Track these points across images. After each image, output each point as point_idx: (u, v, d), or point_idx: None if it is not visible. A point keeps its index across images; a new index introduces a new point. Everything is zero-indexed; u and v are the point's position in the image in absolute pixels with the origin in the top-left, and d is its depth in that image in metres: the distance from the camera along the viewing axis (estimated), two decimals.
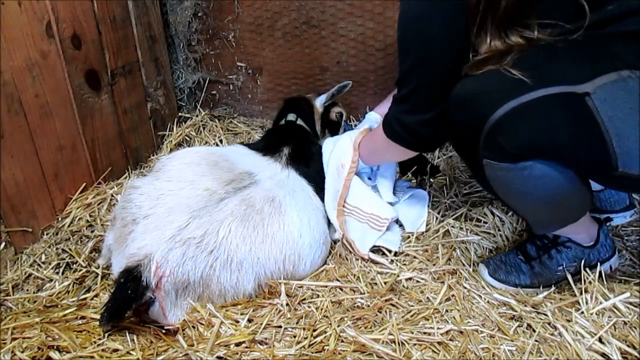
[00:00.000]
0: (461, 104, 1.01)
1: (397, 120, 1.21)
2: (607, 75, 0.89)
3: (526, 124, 0.92)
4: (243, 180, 1.33)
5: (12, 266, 1.38)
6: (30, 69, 1.42)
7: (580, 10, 0.91)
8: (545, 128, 0.91)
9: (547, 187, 0.99)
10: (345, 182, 1.46)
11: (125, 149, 1.89)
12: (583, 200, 1.08)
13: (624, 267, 1.31)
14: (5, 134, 1.35)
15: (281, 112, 1.83)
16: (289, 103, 1.86)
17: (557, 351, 1.02)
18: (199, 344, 1.05)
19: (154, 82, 2.05)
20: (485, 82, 0.97)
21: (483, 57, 0.99)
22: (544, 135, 0.91)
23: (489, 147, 0.97)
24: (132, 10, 1.85)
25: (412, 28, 1.08)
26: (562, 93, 0.89)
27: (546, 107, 0.90)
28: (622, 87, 0.88)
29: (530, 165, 0.95)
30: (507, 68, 0.93)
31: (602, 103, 0.87)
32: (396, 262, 1.37)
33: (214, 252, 1.14)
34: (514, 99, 0.91)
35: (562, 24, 0.93)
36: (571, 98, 0.89)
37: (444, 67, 1.06)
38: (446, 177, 1.72)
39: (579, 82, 0.89)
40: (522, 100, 0.90)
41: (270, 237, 1.22)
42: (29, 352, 1.02)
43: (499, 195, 1.08)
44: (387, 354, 1.00)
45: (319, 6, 1.98)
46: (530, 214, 1.11)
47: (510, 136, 0.93)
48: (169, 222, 1.16)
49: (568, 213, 1.11)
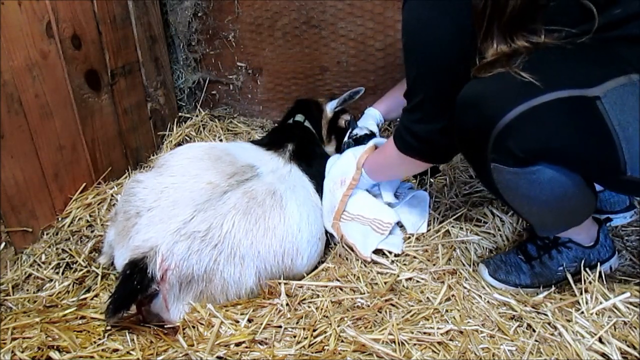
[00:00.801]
0: (469, 106, 0.99)
1: (409, 130, 1.18)
2: (616, 79, 0.88)
3: (536, 128, 0.91)
4: (245, 173, 1.34)
5: (12, 266, 1.38)
6: (30, 69, 1.42)
7: (586, 15, 0.91)
8: (556, 132, 0.90)
9: (554, 191, 0.98)
10: (343, 198, 1.44)
11: (125, 149, 1.89)
12: (588, 205, 1.07)
13: (624, 267, 1.30)
14: (5, 134, 1.35)
15: (290, 112, 1.83)
16: (299, 104, 1.85)
17: (557, 351, 1.02)
18: (199, 344, 1.05)
19: (154, 82, 2.05)
20: (494, 85, 0.96)
21: (490, 60, 0.97)
22: (554, 139, 0.91)
23: (497, 151, 0.96)
24: (132, 10, 1.85)
25: (417, 36, 1.06)
26: (573, 97, 0.88)
27: (556, 110, 0.89)
28: (631, 91, 0.87)
29: (539, 169, 0.95)
30: (517, 70, 0.92)
31: (612, 107, 0.87)
32: (396, 262, 1.37)
33: (218, 246, 1.15)
34: (523, 103, 0.90)
35: (567, 29, 0.93)
36: (582, 102, 0.88)
37: (453, 74, 1.05)
38: (446, 177, 1.72)
39: (589, 85, 0.88)
40: (532, 103, 0.89)
41: (271, 230, 1.23)
42: (29, 352, 1.02)
43: (505, 198, 1.07)
44: (387, 354, 1.00)
45: (319, 6, 1.98)
46: (534, 217, 1.11)
47: (519, 140, 0.92)
48: (173, 215, 1.16)
49: (573, 217, 1.10)
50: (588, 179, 1.00)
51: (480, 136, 0.97)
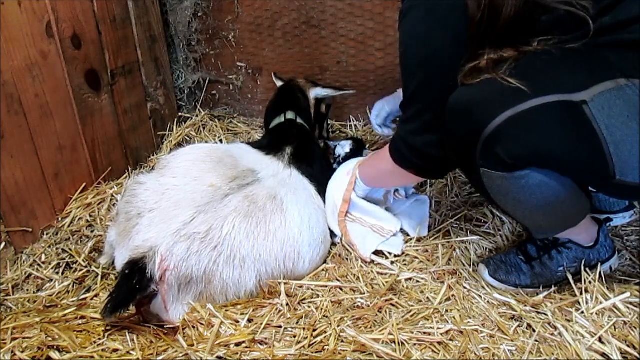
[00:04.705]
0: (458, 113, 0.99)
1: (405, 142, 1.17)
2: (603, 84, 0.88)
3: (523, 133, 0.91)
4: (246, 177, 1.34)
5: (12, 266, 1.38)
6: (30, 69, 1.42)
7: (579, 24, 0.91)
8: (543, 137, 0.90)
9: (545, 195, 0.98)
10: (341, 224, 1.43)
11: (125, 149, 1.89)
12: (582, 207, 1.07)
13: (624, 267, 1.30)
14: (5, 134, 1.35)
15: (278, 106, 1.75)
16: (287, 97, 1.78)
17: (557, 351, 1.02)
18: (199, 344, 1.05)
19: (154, 82, 2.05)
20: (481, 91, 0.96)
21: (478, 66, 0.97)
22: (542, 144, 0.91)
23: (485, 156, 0.96)
24: (132, 10, 1.85)
25: (416, 49, 1.06)
26: (559, 101, 0.88)
27: (543, 115, 0.89)
28: (619, 96, 0.87)
29: (527, 174, 0.95)
30: (504, 77, 0.92)
31: (600, 111, 0.86)
32: (396, 262, 1.37)
33: (217, 248, 1.15)
34: (510, 108, 0.90)
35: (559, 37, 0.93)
36: (568, 106, 0.88)
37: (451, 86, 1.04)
38: (446, 177, 1.72)
39: (576, 90, 0.88)
40: (519, 109, 0.89)
41: (272, 233, 1.23)
42: (29, 352, 1.02)
43: (497, 203, 1.07)
44: (387, 354, 0.99)
45: (319, 6, 1.98)
46: (528, 220, 1.11)
47: (507, 145, 0.92)
48: (174, 216, 1.16)
49: (567, 219, 1.10)
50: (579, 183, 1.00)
51: (470, 142, 0.97)
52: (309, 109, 1.80)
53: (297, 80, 1.87)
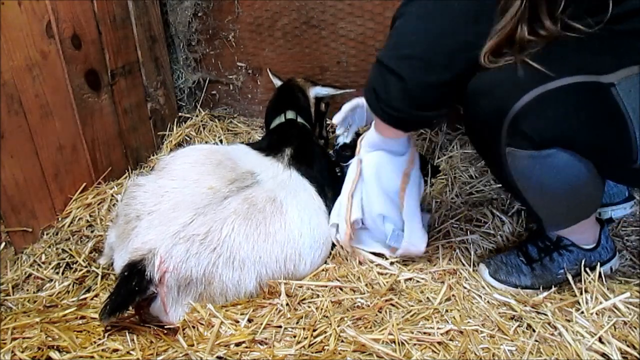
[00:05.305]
0: (481, 93, 0.98)
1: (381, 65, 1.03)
2: (629, 68, 0.88)
3: (552, 111, 0.90)
4: (246, 179, 1.33)
5: (12, 266, 1.38)
6: (30, 69, 1.42)
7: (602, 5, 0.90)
8: (571, 115, 0.90)
9: (568, 176, 0.97)
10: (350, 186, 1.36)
11: (125, 149, 1.89)
12: (597, 194, 1.07)
13: (624, 268, 1.31)
14: (5, 134, 1.35)
15: (279, 105, 1.74)
16: (287, 97, 1.78)
17: (557, 351, 1.02)
18: (199, 344, 1.05)
19: (154, 82, 2.05)
20: (506, 73, 0.94)
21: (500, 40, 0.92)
22: (570, 122, 0.90)
23: (512, 135, 0.95)
24: (132, 10, 1.85)
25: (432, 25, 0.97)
26: (588, 82, 0.89)
27: (572, 94, 0.89)
28: None
29: (554, 152, 0.94)
30: (527, 60, 0.91)
31: (627, 94, 0.87)
32: (396, 262, 1.37)
33: (217, 250, 1.15)
34: (539, 86, 0.89)
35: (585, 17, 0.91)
36: (597, 87, 0.88)
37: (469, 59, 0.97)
38: (447, 177, 1.72)
39: (604, 72, 0.89)
40: (548, 87, 0.89)
41: (272, 236, 1.23)
42: (29, 352, 1.02)
43: (518, 188, 1.05)
44: (387, 354, 1.00)
45: (319, 6, 1.98)
46: (546, 209, 1.09)
47: (535, 123, 0.91)
48: (173, 218, 1.16)
49: (582, 208, 1.10)
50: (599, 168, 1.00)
51: (494, 122, 0.96)
52: (309, 108, 1.80)
53: (296, 79, 1.88)
